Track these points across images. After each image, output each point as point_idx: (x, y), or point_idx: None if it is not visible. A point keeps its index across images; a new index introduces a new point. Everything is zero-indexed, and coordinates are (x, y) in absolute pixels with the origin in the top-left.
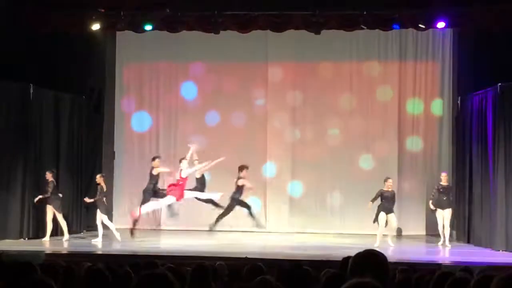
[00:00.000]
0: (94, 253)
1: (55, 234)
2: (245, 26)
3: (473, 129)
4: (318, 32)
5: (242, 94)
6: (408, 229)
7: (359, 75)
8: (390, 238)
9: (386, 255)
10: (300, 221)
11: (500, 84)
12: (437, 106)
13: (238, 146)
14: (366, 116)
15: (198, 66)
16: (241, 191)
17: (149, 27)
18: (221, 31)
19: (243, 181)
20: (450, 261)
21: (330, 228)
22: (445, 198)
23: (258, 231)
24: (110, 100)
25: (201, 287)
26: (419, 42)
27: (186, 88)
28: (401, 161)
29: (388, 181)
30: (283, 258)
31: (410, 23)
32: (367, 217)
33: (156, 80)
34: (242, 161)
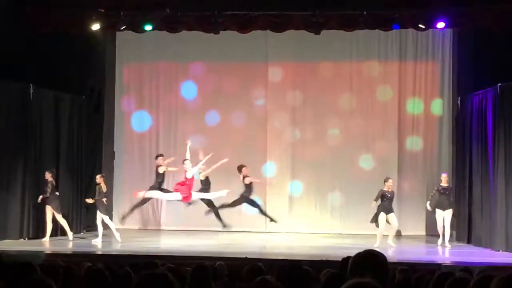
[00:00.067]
0: (94, 253)
1: (55, 234)
2: (245, 26)
3: (473, 129)
4: (318, 32)
5: (242, 94)
6: (408, 229)
7: (359, 75)
8: (391, 238)
9: (386, 255)
10: (300, 221)
11: (500, 84)
12: (437, 106)
13: (238, 146)
14: (366, 116)
15: (198, 66)
16: (250, 189)
17: (149, 27)
18: (221, 31)
19: (250, 178)
20: (450, 261)
21: (330, 228)
22: (445, 199)
23: (257, 231)
24: (110, 100)
25: (201, 287)
26: (419, 42)
27: (186, 88)
28: (401, 161)
29: (388, 181)
30: (283, 258)
31: (410, 23)
32: (367, 217)
33: (156, 80)
34: (242, 161)
